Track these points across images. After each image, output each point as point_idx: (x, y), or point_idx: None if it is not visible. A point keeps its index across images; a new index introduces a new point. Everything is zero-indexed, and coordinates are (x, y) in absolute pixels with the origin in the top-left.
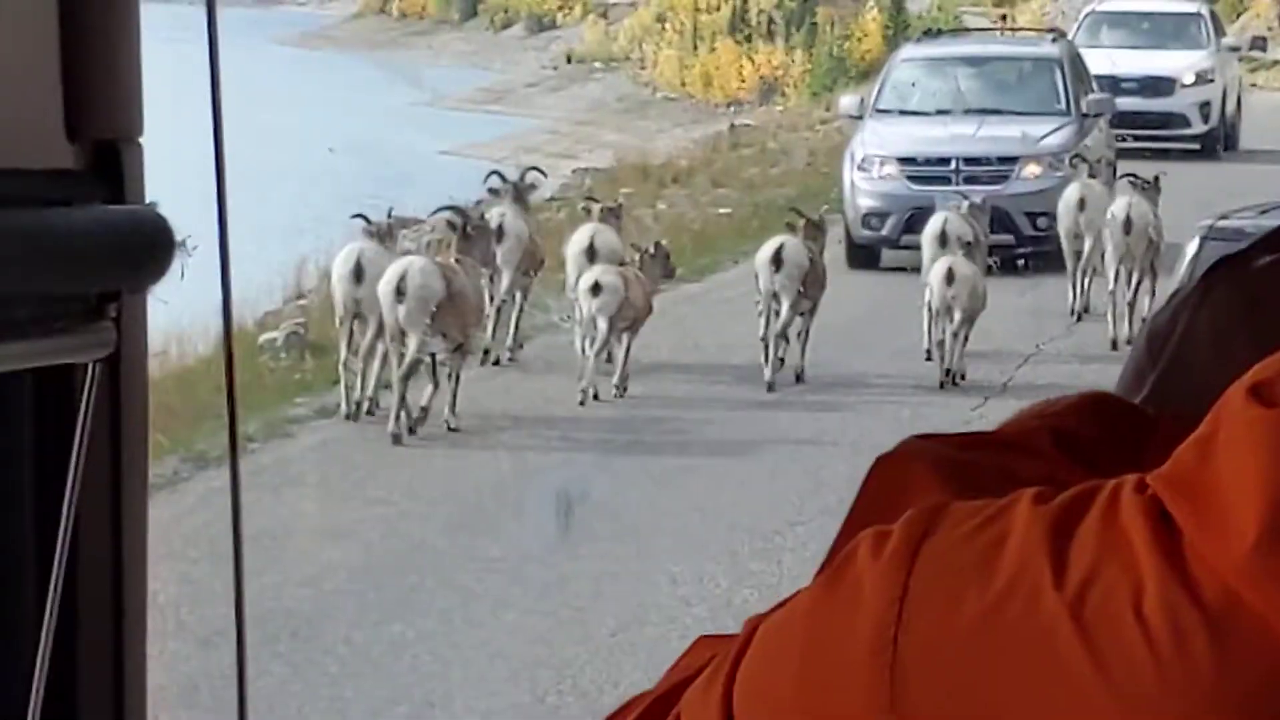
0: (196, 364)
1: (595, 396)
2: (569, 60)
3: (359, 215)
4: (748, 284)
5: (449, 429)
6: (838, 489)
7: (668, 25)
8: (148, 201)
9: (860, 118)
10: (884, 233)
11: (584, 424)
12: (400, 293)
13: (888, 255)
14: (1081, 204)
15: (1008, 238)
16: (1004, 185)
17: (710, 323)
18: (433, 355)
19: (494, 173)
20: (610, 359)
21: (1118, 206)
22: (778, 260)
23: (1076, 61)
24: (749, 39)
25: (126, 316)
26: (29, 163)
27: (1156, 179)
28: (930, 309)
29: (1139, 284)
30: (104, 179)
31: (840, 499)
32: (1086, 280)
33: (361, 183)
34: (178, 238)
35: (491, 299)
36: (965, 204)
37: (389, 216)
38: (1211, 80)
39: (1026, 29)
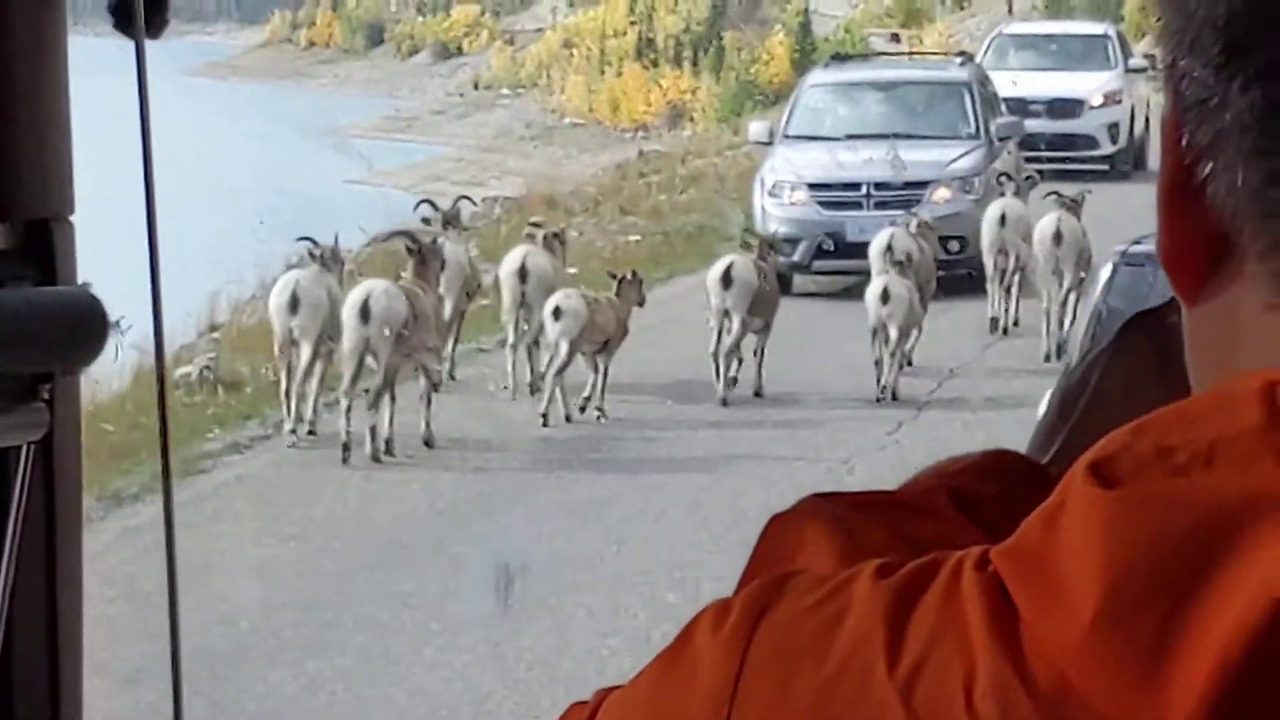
0: (110, 401)
1: (567, 418)
2: (475, 87)
3: (305, 238)
4: (660, 313)
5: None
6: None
7: (574, 51)
8: (80, 282)
9: (770, 144)
10: (795, 258)
11: (523, 446)
12: (365, 315)
13: (799, 280)
14: (1003, 220)
15: None
16: (914, 209)
17: (624, 352)
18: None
19: (425, 201)
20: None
21: (1047, 221)
22: (728, 279)
23: (985, 84)
24: (656, 64)
25: (59, 396)
26: None
27: (1082, 197)
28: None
29: (1067, 298)
30: (35, 258)
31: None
32: (1009, 297)
33: (270, 213)
34: (111, 318)
35: None
36: (914, 221)
37: (316, 244)
38: (1119, 101)
39: (935, 53)
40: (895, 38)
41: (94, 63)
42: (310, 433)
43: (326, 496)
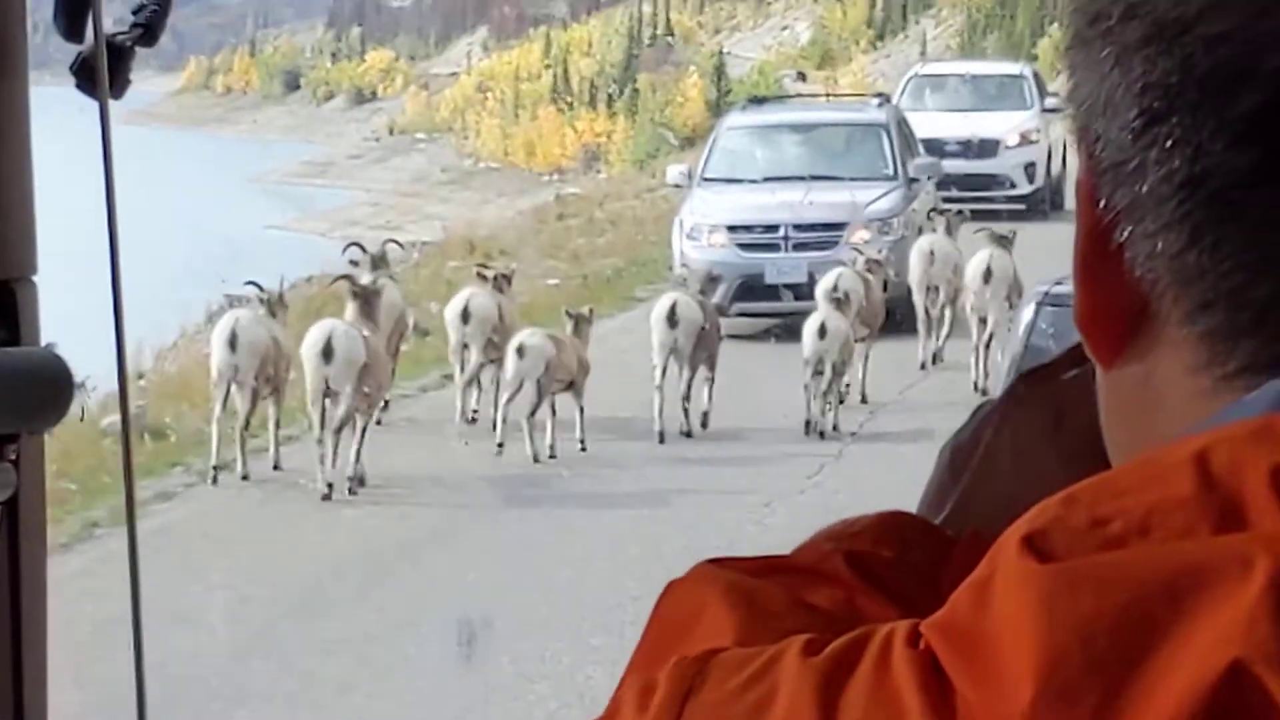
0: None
1: (535, 459)
2: (391, 132)
3: (252, 282)
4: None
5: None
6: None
7: (489, 94)
8: (45, 342)
9: (687, 187)
10: (715, 300)
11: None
12: (328, 354)
13: (724, 324)
14: (931, 257)
15: None
16: (833, 251)
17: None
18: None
19: (353, 244)
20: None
21: (979, 258)
22: (673, 317)
23: (902, 125)
24: (571, 106)
25: (25, 456)
26: None
27: (1013, 234)
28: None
29: (995, 334)
30: None
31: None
32: (938, 333)
33: (190, 259)
34: (76, 379)
35: None
36: (860, 259)
37: (261, 288)
38: (1036, 141)
39: (852, 94)
40: (801, 77)
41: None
42: (244, 477)
43: (253, 541)
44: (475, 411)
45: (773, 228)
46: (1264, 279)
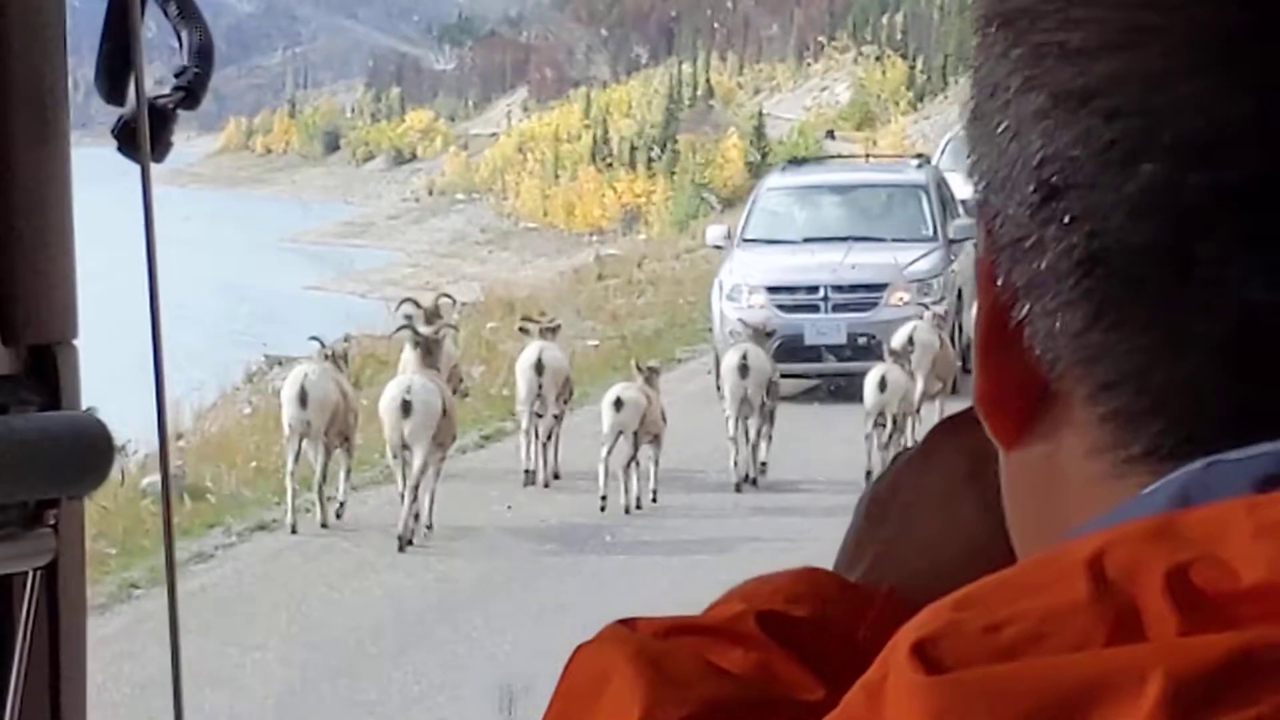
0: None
1: (637, 505)
2: (430, 192)
3: (314, 338)
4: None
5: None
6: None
7: (529, 155)
8: (85, 407)
9: (727, 248)
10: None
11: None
12: (407, 408)
13: None
14: None
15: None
16: (872, 312)
17: (584, 456)
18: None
19: (407, 299)
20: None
21: None
22: (744, 367)
23: (942, 186)
24: (610, 167)
25: (64, 521)
26: None
27: None
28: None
29: None
30: (40, 383)
31: None
32: None
33: (230, 320)
34: (116, 441)
35: None
36: (928, 314)
37: (324, 343)
38: None
39: (891, 155)
40: (830, 134)
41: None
42: (323, 525)
43: (292, 603)
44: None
45: (813, 289)
46: (1166, 361)
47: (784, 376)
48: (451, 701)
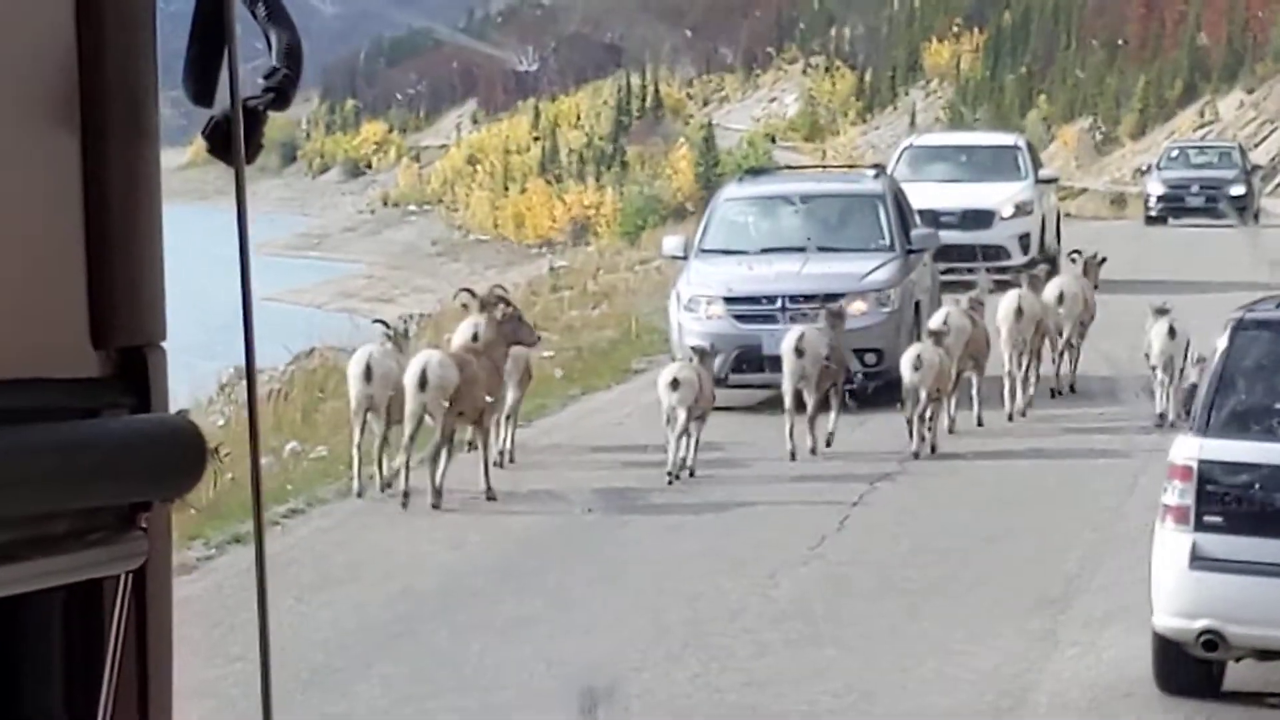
0: None
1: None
2: (384, 204)
3: (379, 320)
4: (576, 430)
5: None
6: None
7: (479, 167)
8: (176, 409)
9: (683, 258)
10: (713, 372)
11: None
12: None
13: (719, 395)
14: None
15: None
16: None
17: (545, 472)
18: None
19: (378, 321)
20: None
21: (1008, 299)
22: (674, 383)
23: (899, 196)
24: (560, 179)
25: (154, 523)
26: (55, 372)
27: (1037, 275)
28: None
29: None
30: (130, 386)
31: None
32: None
33: (190, 331)
34: (209, 445)
35: None
36: (965, 299)
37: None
38: (1030, 212)
39: (848, 165)
40: (771, 139)
41: None
42: (387, 485)
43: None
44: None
45: (770, 299)
46: None
47: (741, 387)
48: None
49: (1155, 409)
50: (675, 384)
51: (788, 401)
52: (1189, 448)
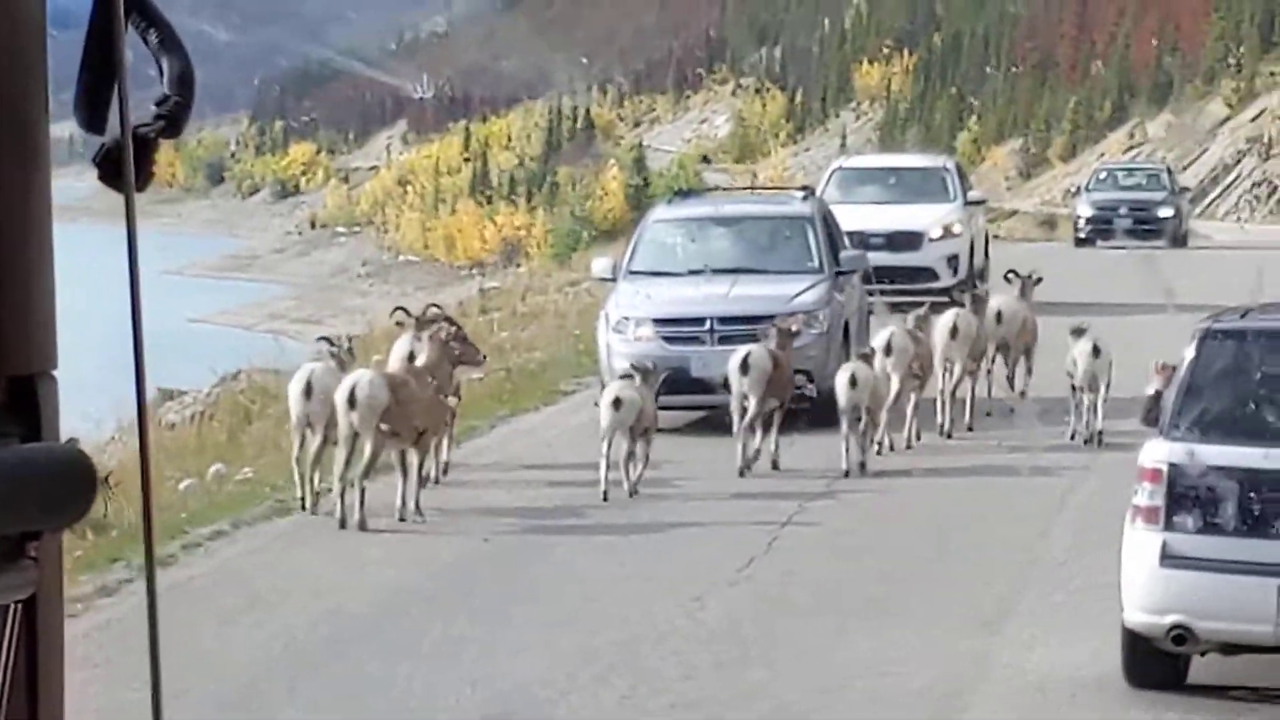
0: None
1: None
2: (313, 225)
3: (323, 338)
4: (505, 451)
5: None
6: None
7: (409, 188)
8: (67, 438)
9: (612, 280)
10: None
11: None
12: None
13: None
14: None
15: None
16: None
17: (474, 492)
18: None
19: (323, 338)
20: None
21: (945, 318)
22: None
23: (828, 218)
24: (490, 200)
25: (44, 552)
26: None
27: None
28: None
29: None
30: (20, 415)
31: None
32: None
33: (115, 353)
34: (99, 474)
35: None
36: (910, 318)
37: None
38: (959, 234)
39: (777, 187)
40: (705, 160)
41: None
42: (313, 505)
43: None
44: None
45: (698, 321)
46: None
47: (669, 409)
48: None
49: (1069, 428)
50: (618, 403)
51: (736, 418)
52: (1159, 451)
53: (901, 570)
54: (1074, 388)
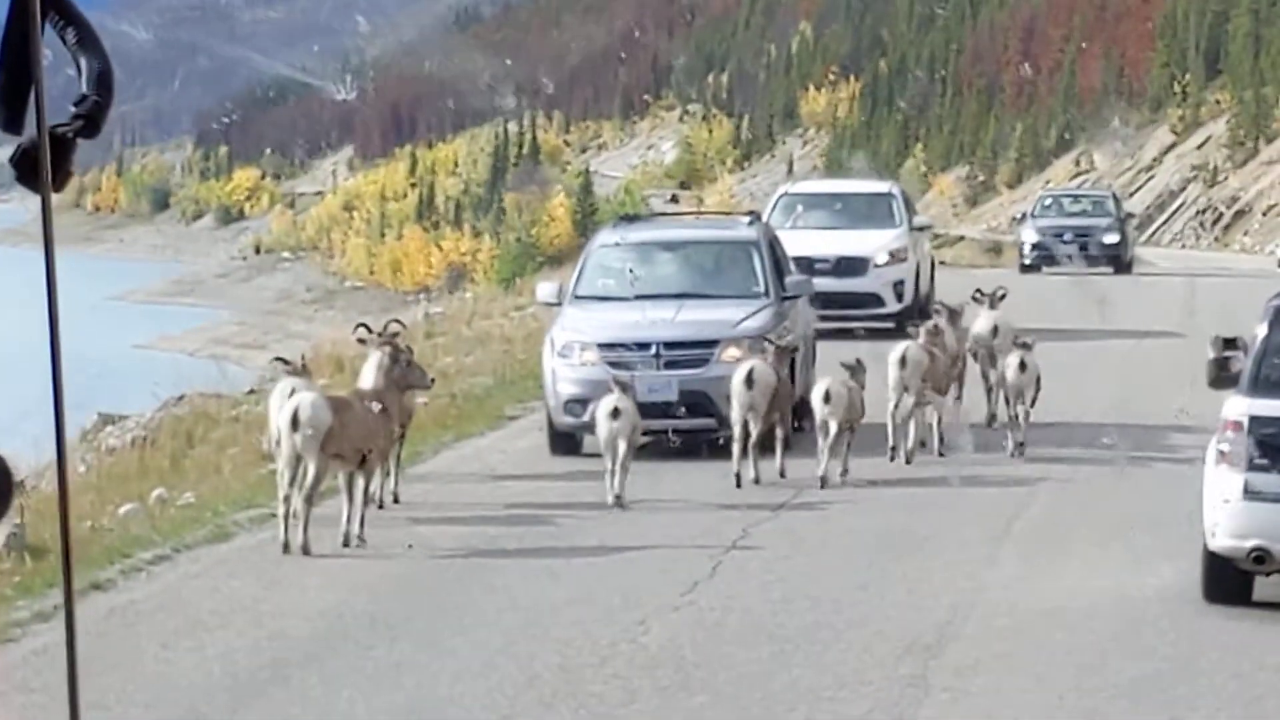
0: None
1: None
2: (258, 250)
3: (279, 358)
4: (447, 477)
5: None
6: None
7: (354, 214)
8: None
9: (558, 305)
10: (585, 419)
11: None
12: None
13: (590, 441)
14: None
15: (709, 421)
16: (704, 369)
17: (417, 515)
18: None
19: (279, 358)
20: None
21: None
22: (750, 380)
23: (774, 244)
24: (436, 226)
25: None
26: None
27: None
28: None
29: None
30: None
31: None
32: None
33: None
34: (17, 478)
35: None
36: (921, 331)
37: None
38: (904, 259)
39: (723, 212)
40: (674, 199)
41: None
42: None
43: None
44: None
45: (644, 345)
46: None
47: None
48: None
49: (1009, 442)
50: (616, 413)
51: (736, 432)
52: (1240, 406)
53: (842, 596)
54: (1005, 400)
